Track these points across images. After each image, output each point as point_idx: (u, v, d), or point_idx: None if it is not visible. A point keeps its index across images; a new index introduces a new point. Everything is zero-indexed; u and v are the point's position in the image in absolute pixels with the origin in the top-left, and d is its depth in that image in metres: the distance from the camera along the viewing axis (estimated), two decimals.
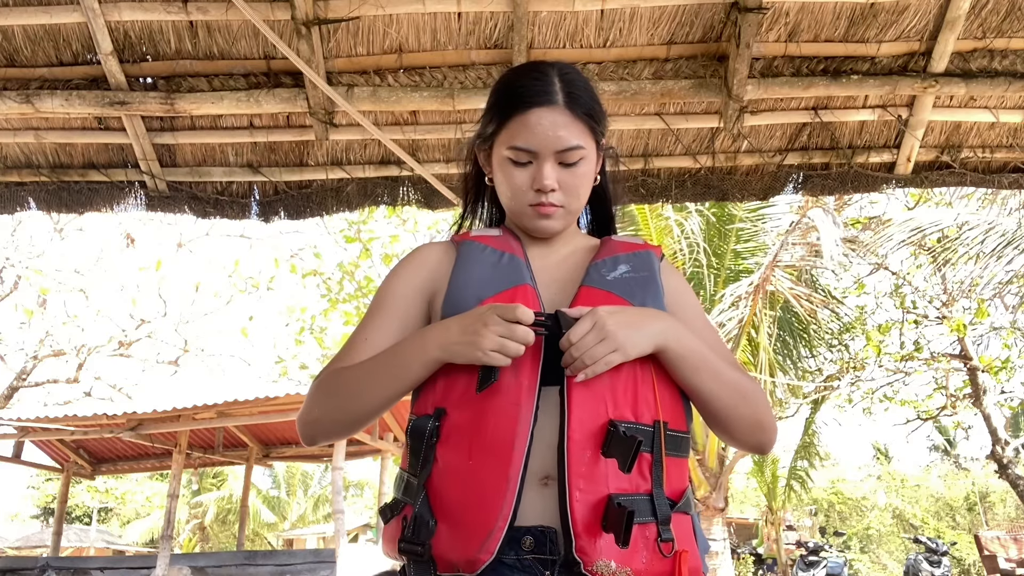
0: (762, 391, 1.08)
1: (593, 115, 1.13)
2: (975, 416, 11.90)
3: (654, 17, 2.52)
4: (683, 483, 1.00)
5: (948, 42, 2.52)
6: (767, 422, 1.06)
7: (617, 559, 0.90)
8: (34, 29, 2.53)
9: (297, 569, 8.92)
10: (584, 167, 1.12)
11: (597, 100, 1.15)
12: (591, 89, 1.15)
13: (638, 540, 0.91)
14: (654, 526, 0.93)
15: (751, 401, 1.05)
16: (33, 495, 31.60)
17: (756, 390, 1.07)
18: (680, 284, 1.19)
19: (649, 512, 0.93)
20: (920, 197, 9.83)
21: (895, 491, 24.81)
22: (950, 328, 10.28)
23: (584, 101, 1.12)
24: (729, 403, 1.04)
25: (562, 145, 1.09)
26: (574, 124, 1.10)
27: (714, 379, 1.03)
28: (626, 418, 0.95)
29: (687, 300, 1.17)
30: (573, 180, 1.12)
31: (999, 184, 2.96)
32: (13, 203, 2.91)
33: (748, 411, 1.05)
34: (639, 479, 0.94)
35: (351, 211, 3.06)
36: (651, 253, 1.17)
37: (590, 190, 1.17)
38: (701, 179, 2.95)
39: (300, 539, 26.57)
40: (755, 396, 1.06)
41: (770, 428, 1.06)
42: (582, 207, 1.18)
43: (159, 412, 8.55)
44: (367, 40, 2.58)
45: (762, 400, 1.06)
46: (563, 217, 1.15)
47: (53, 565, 9.43)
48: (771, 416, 1.07)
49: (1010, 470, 10.49)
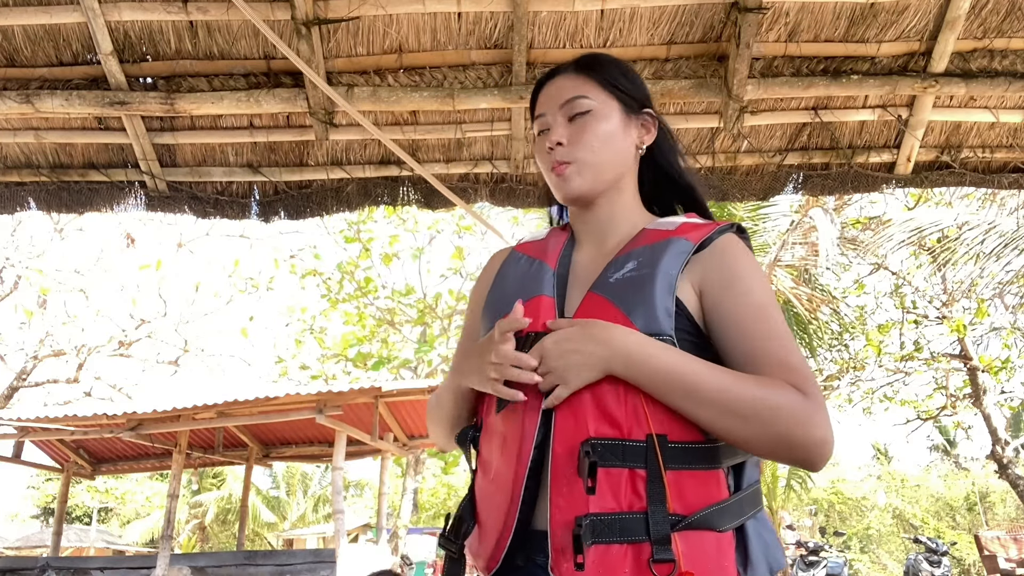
0: (790, 404, 0.91)
1: (611, 76, 1.13)
2: (975, 416, 11.90)
3: (654, 17, 2.52)
4: (707, 498, 0.92)
5: (948, 42, 2.52)
6: (796, 439, 0.90)
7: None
8: (34, 29, 2.52)
9: (297, 569, 8.91)
10: (592, 119, 1.10)
11: (625, 71, 1.16)
12: (618, 62, 1.17)
13: (623, 560, 0.88)
14: (647, 546, 0.87)
15: (759, 420, 0.90)
16: (33, 495, 31.61)
17: (767, 406, 0.91)
18: (727, 269, 1.02)
19: (642, 531, 0.88)
20: (920, 197, 9.83)
21: (895, 491, 24.81)
22: (950, 328, 10.29)
23: (601, 65, 1.14)
24: (720, 424, 0.92)
25: (564, 97, 1.12)
26: (582, 81, 1.12)
27: (689, 400, 0.92)
28: (609, 435, 0.92)
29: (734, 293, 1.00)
30: (579, 132, 1.10)
31: (999, 184, 2.96)
32: (13, 203, 2.91)
33: (753, 431, 0.91)
34: (632, 497, 0.90)
35: (351, 211, 3.06)
36: (680, 240, 1.04)
37: (612, 147, 1.11)
38: (701, 179, 2.95)
39: (300, 539, 26.57)
40: (764, 413, 0.91)
41: (804, 445, 0.90)
42: (601, 162, 1.10)
43: (159, 412, 8.55)
44: (367, 40, 2.58)
45: (781, 415, 0.90)
46: (577, 173, 1.10)
47: (53, 565, 9.42)
48: (805, 430, 0.90)
49: (1010, 470, 10.49)
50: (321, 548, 14.06)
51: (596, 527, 0.88)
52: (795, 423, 0.90)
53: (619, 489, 0.90)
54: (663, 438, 0.92)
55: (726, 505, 0.93)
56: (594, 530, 0.88)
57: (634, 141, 1.15)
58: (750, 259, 1.04)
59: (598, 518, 0.89)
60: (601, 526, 0.88)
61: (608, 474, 0.91)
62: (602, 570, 0.88)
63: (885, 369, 11.48)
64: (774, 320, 0.98)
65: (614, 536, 0.88)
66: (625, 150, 1.13)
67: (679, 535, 0.89)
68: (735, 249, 1.04)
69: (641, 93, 1.17)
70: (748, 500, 0.97)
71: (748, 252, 1.06)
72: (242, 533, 12.07)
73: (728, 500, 0.94)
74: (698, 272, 1.02)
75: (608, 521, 0.89)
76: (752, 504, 0.98)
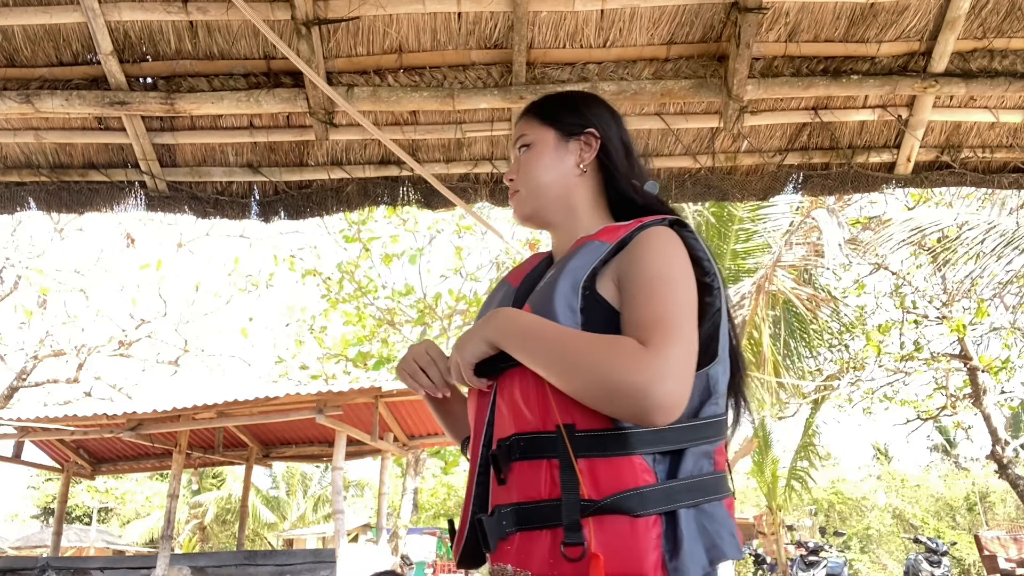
0: (617, 353, 0.94)
1: (547, 110, 1.29)
2: (975, 416, 11.90)
3: (654, 17, 2.52)
4: (621, 483, 0.94)
5: (948, 42, 2.52)
6: (615, 385, 0.92)
7: (514, 563, 0.99)
8: (34, 29, 2.52)
9: (297, 569, 8.91)
10: (531, 151, 1.27)
11: (567, 102, 1.30)
12: (564, 97, 1.32)
13: (542, 545, 0.96)
14: (561, 531, 0.94)
15: (582, 369, 0.94)
16: (33, 495, 31.62)
17: (593, 357, 0.94)
18: (635, 257, 1.07)
19: (557, 517, 0.95)
20: (920, 197, 9.83)
21: (895, 491, 24.81)
22: (950, 328, 10.29)
23: (541, 104, 1.32)
24: (556, 379, 0.97)
25: (514, 138, 1.32)
26: (525, 122, 1.31)
27: (538, 351, 0.99)
28: (532, 428, 1.01)
29: (633, 274, 1.05)
30: (523, 164, 1.28)
31: (999, 184, 2.96)
32: (13, 203, 2.91)
33: (578, 381, 0.95)
34: (550, 486, 0.97)
35: (351, 211, 3.06)
36: (594, 242, 1.11)
37: (549, 171, 1.24)
38: (701, 179, 2.95)
39: (300, 539, 26.57)
40: (588, 362, 0.94)
41: (624, 392, 0.91)
42: (539, 186, 1.25)
43: (159, 412, 8.54)
44: (367, 40, 2.58)
45: (603, 364, 0.93)
46: (522, 199, 1.27)
47: (53, 565, 9.42)
48: (625, 376, 0.91)
49: (1010, 470, 10.49)
50: (321, 548, 14.06)
51: (519, 515, 0.99)
52: (617, 370, 0.92)
53: (539, 479, 0.99)
54: (571, 427, 0.98)
55: (646, 491, 0.95)
56: (517, 518, 0.99)
57: (573, 162, 1.25)
58: (661, 244, 1.08)
59: (520, 507, 0.99)
60: (524, 514, 0.99)
61: (529, 465, 1.00)
62: (523, 555, 0.98)
63: (885, 369, 11.48)
64: (658, 290, 1.02)
65: (534, 523, 0.98)
66: (563, 172, 1.25)
67: (591, 520, 0.94)
68: (648, 239, 1.09)
69: (583, 118, 1.27)
70: (684, 489, 0.98)
71: (664, 239, 1.09)
72: (242, 533, 12.07)
73: (651, 486, 0.95)
74: (616, 267, 1.09)
75: (529, 509, 0.99)
76: (690, 493, 0.98)
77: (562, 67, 2.61)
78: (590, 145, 1.25)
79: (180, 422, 8.80)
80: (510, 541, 1.00)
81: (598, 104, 1.30)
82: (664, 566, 0.93)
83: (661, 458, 0.99)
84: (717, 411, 1.05)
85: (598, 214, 1.24)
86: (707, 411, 1.03)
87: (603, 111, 1.29)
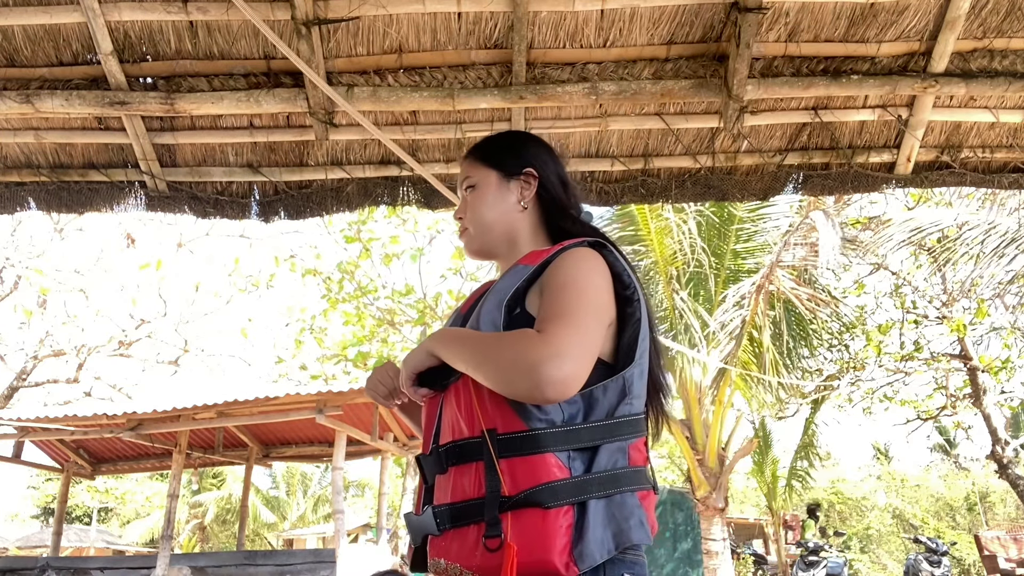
0: (513, 341, 1.07)
1: (488, 153, 1.41)
2: (975, 416, 11.89)
3: (654, 17, 2.52)
4: (535, 479, 1.05)
5: (948, 42, 2.52)
6: (512, 370, 1.04)
7: (446, 557, 1.11)
8: (34, 29, 2.52)
9: (297, 569, 8.91)
10: (476, 192, 1.39)
11: (507, 144, 1.42)
12: (503, 139, 1.44)
13: (469, 539, 1.08)
14: (484, 525, 1.06)
15: (486, 362, 1.08)
16: (33, 495, 31.60)
17: (494, 350, 1.08)
18: (551, 274, 1.19)
19: (481, 513, 1.07)
20: (920, 197, 9.83)
21: (895, 491, 24.80)
22: (950, 328, 10.28)
23: (483, 147, 1.43)
24: (476, 370, 1.10)
25: (460, 180, 1.43)
26: (469, 164, 1.42)
27: (463, 352, 1.13)
28: (464, 436, 1.14)
29: (547, 286, 1.17)
30: (471, 204, 1.39)
31: (999, 184, 2.96)
32: (13, 203, 2.91)
33: (486, 372, 1.08)
34: (478, 485, 1.09)
35: (351, 211, 3.06)
36: (519, 266, 1.23)
37: (492, 210, 1.36)
38: (701, 179, 2.95)
39: (300, 539, 26.55)
40: (490, 354, 1.08)
41: (519, 374, 1.03)
42: (484, 223, 1.37)
43: (159, 412, 8.54)
44: (367, 40, 2.58)
45: (503, 353, 1.07)
46: (470, 236, 1.40)
47: (53, 565, 9.42)
48: (519, 359, 1.04)
49: (1010, 470, 10.48)
50: (321, 548, 14.06)
51: (453, 513, 1.11)
52: (512, 354, 1.05)
53: (469, 480, 1.10)
54: (492, 431, 1.09)
55: (557, 485, 1.05)
56: (451, 516, 1.11)
57: (515, 199, 1.37)
58: (575, 260, 1.20)
59: (454, 506, 1.11)
60: (456, 512, 1.11)
61: (462, 469, 1.12)
62: (454, 549, 1.10)
63: (885, 369, 11.48)
64: (563, 292, 1.14)
65: (464, 519, 1.09)
66: (506, 209, 1.37)
67: (509, 514, 1.04)
68: (565, 258, 1.21)
69: (522, 158, 1.38)
70: (596, 482, 1.08)
71: (579, 256, 1.21)
72: (242, 533, 12.07)
73: (562, 480, 1.06)
74: (539, 285, 1.20)
75: (461, 508, 1.10)
76: (601, 486, 1.08)
77: (562, 67, 2.61)
78: (529, 183, 1.37)
79: (180, 422, 8.80)
80: (444, 537, 1.12)
81: (535, 144, 1.43)
82: (571, 551, 1.03)
83: (576, 455, 1.09)
84: (632, 411, 1.15)
85: (538, 244, 1.35)
86: (622, 410, 1.13)
87: (540, 150, 1.41)
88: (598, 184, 2.97)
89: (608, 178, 2.98)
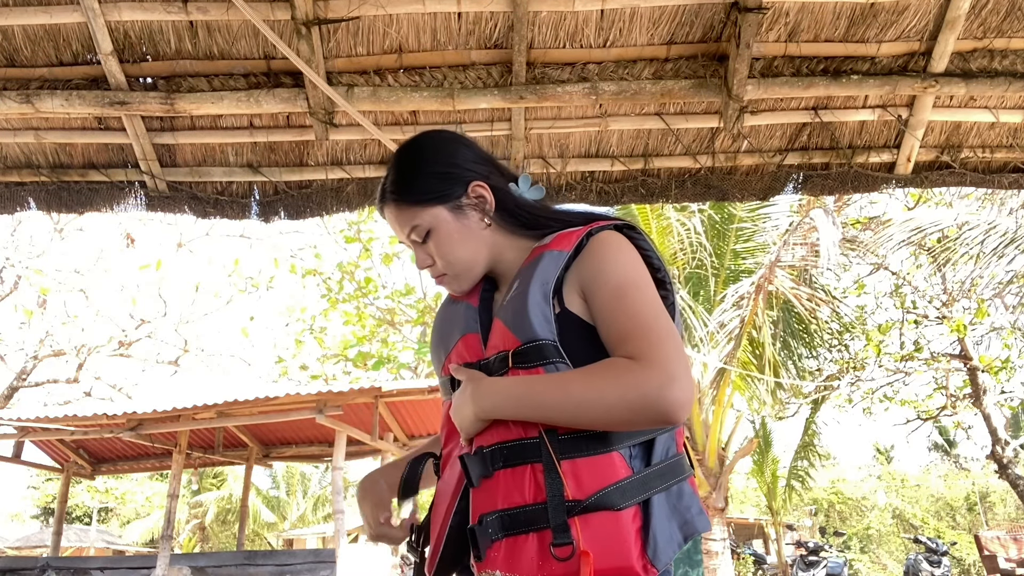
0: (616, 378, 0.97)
1: (420, 193, 1.20)
2: (975, 416, 11.90)
3: (654, 17, 2.52)
4: (602, 480, 0.98)
5: (948, 42, 2.52)
6: (635, 404, 0.95)
7: (502, 568, 0.99)
8: (34, 29, 2.52)
9: (297, 569, 8.91)
10: (435, 235, 1.21)
11: (430, 171, 1.21)
12: (419, 166, 1.22)
13: (529, 548, 0.98)
14: (549, 532, 0.97)
15: (596, 407, 0.97)
16: (33, 495, 31.60)
17: (598, 393, 0.97)
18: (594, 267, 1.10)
19: (544, 520, 0.97)
20: (920, 197, 9.83)
21: (895, 491, 24.82)
22: (950, 328, 10.29)
23: (405, 187, 1.21)
24: (574, 421, 0.99)
25: (402, 232, 1.24)
26: (401, 211, 1.22)
27: (540, 410, 1.01)
28: (514, 436, 1.03)
29: (597, 285, 1.08)
30: (435, 250, 1.22)
31: (999, 184, 2.96)
32: (13, 203, 2.91)
33: (599, 416, 0.97)
34: (535, 490, 1.00)
35: (351, 211, 3.06)
36: (552, 251, 1.13)
37: (464, 244, 1.21)
38: (701, 179, 2.95)
39: (300, 539, 26.55)
40: (601, 398, 0.97)
41: (645, 407, 0.95)
42: (463, 259, 1.21)
43: (159, 412, 8.54)
44: (367, 40, 2.58)
45: (610, 393, 0.96)
46: (454, 279, 1.24)
47: (53, 565, 9.42)
48: (638, 393, 0.95)
49: (1010, 470, 10.49)
50: (321, 548, 14.06)
51: (504, 521, 1.00)
52: (625, 394, 0.96)
53: (523, 484, 1.01)
54: (552, 432, 1.01)
55: (624, 484, 0.99)
56: (503, 524, 1.00)
57: (477, 220, 1.22)
58: (614, 250, 1.11)
59: (506, 513, 1.01)
60: (509, 520, 1.00)
61: (513, 472, 1.02)
62: (511, 560, 0.99)
63: (885, 369, 11.48)
64: (625, 298, 1.05)
65: (520, 527, 0.99)
66: (476, 236, 1.21)
67: (578, 519, 0.96)
68: (600, 246, 1.12)
69: (456, 176, 1.21)
70: (656, 475, 1.03)
71: (614, 244, 1.12)
72: (242, 533, 12.07)
73: (627, 479, 1.00)
74: (577, 277, 1.10)
75: (514, 514, 1.00)
76: (661, 479, 1.03)
77: (562, 67, 2.61)
78: (483, 197, 1.21)
79: (180, 422, 8.80)
80: (496, 548, 1.01)
81: (451, 148, 1.24)
82: (645, 552, 0.97)
83: (636, 450, 1.04)
84: None
85: (519, 241, 1.23)
86: None
87: (459, 151, 1.24)
88: (598, 184, 2.97)
89: (608, 178, 2.98)
